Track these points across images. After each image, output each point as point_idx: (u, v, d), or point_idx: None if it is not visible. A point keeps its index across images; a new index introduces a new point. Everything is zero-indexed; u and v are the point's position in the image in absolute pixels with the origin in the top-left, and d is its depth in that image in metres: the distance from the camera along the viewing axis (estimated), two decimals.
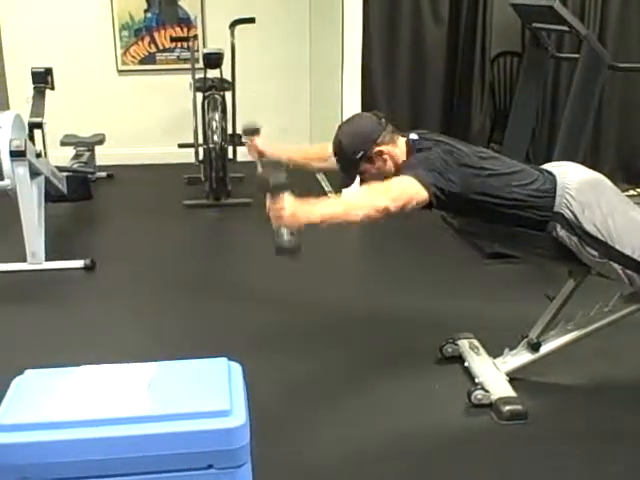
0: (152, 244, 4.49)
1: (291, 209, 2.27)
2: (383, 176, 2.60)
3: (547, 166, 2.75)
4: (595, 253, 2.55)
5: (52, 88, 4.96)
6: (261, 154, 2.83)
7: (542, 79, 4.80)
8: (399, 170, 2.55)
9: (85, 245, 4.38)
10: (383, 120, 2.62)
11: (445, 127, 5.35)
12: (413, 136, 2.64)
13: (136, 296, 3.72)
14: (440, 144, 2.56)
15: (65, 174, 4.67)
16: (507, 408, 2.58)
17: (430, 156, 2.48)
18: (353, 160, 2.57)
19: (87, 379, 1.92)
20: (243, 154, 5.60)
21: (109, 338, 3.22)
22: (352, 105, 4.93)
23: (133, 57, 6.20)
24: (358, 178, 2.68)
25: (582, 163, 4.12)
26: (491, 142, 5.65)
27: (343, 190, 2.73)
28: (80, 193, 4.88)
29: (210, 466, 1.75)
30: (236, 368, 2.05)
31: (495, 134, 5.67)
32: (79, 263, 3.99)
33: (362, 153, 2.55)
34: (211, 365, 2.02)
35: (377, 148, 2.56)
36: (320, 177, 5.73)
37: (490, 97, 5.61)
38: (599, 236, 2.53)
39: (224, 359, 2.05)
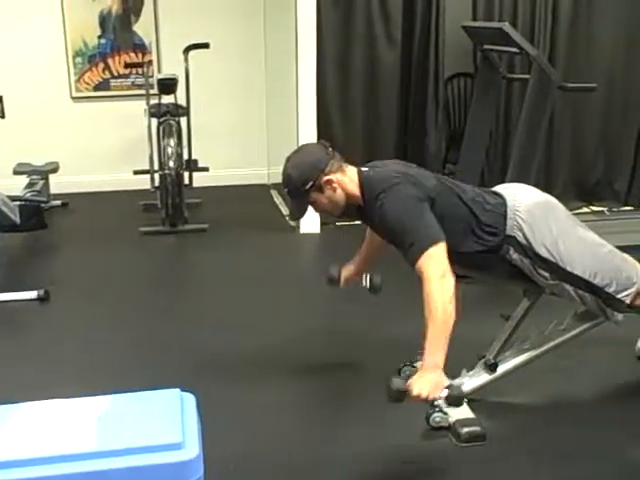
0: (108, 273, 4.43)
1: (429, 385, 2.25)
2: (334, 205, 2.60)
3: (497, 188, 2.77)
4: (547, 275, 2.58)
5: (2, 116, 4.90)
6: (353, 278, 3.04)
7: (494, 100, 4.87)
8: (367, 213, 2.58)
9: (39, 276, 4.30)
10: (330, 149, 2.62)
11: (401, 149, 5.39)
12: (364, 169, 2.65)
13: (90, 327, 3.66)
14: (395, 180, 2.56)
15: (17, 203, 4.59)
16: (465, 430, 2.58)
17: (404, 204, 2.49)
18: (303, 191, 2.56)
19: (34, 415, 1.87)
20: (199, 180, 5.62)
21: (62, 371, 3.16)
22: (308, 130, 4.93)
23: (87, 84, 6.15)
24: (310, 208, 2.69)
25: (535, 181, 4.21)
26: (447, 162, 5.70)
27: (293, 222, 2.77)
28: (33, 222, 4.79)
29: None
30: (189, 399, 2.01)
31: (450, 154, 5.72)
32: (32, 294, 3.91)
33: (311, 183, 2.55)
34: (163, 397, 1.99)
35: (326, 177, 2.55)
36: (278, 201, 5.73)
37: (445, 118, 5.66)
38: (550, 258, 2.56)
39: (176, 390, 2.01)
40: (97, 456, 1.71)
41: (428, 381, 2.25)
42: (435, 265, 2.36)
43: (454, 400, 2.31)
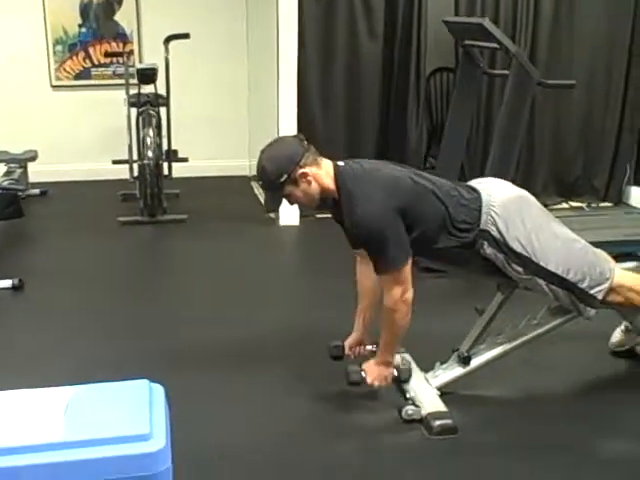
0: (84, 263, 4.40)
1: (380, 377, 2.72)
2: (309, 198, 2.60)
3: (472, 183, 2.78)
4: (520, 269, 2.59)
5: None
6: (356, 345, 2.95)
7: (475, 95, 4.87)
8: (341, 208, 2.58)
9: (14, 264, 4.26)
10: (305, 142, 2.61)
11: (382, 142, 5.39)
12: (340, 163, 2.65)
13: (64, 317, 3.63)
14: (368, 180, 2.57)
15: None
16: (437, 423, 2.58)
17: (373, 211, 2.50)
18: (277, 184, 2.55)
19: (0, 405, 1.86)
20: (179, 170, 5.59)
21: (34, 361, 3.13)
22: (288, 122, 4.93)
23: (68, 72, 6.11)
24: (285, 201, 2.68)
25: (515, 177, 4.23)
26: (428, 157, 5.71)
27: (269, 214, 2.77)
28: (10, 211, 4.74)
29: None
30: (158, 390, 2.01)
31: (432, 149, 5.73)
32: (7, 283, 3.88)
33: (286, 176, 2.53)
34: (132, 387, 1.98)
35: (301, 170, 2.54)
36: (258, 193, 5.72)
37: (427, 113, 5.67)
38: (524, 253, 2.56)
39: (145, 381, 2.01)
40: (62, 447, 1.69)
41: (380, 374, 2.71)
42: (398, 284, 2.54)
43: (404, 379, 2.76)
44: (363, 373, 2.71)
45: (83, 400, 1.90)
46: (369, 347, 2.93)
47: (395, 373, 2.74)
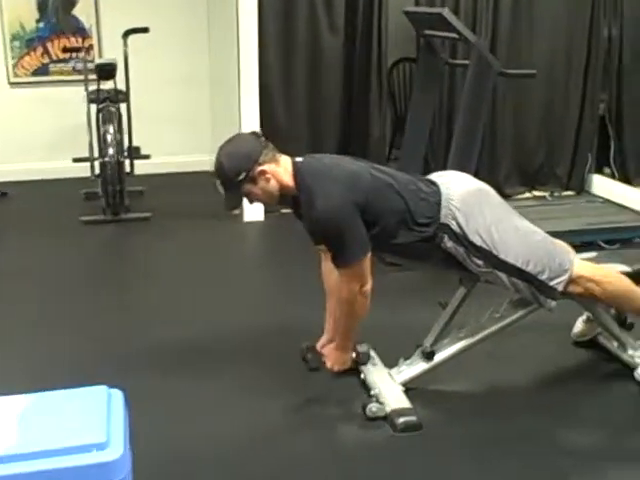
0: (46, 264, 4.32)
1: (338, 361, 2.76)
2: (268, 196, 2.58)
3: (432, 176, 2.77)
4: (481, 263, 2.59)
5: None
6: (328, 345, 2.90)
7: (436, 85, 4.86)
8: (300, 204, 2.56)
9: None
10: (263, 139, 2.60)
11: (344, 134, 5.37)
12: (298, 159, 2.63)
13: (24, 319, 3.56)
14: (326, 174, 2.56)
15: None
16: (401, 420, 2.58)
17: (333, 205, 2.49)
18: (236, 182, 2.54)
19: None
20: (142, 167, 5.52)
21: None
22: (250, 116, 4.89)
23: (26, 69, 5.99)
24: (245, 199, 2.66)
25: (478, 167, 4.22)
26: (393, 148, 5.70)
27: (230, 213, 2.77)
28: None
29: None
30: (117, 396, 1.97)
31: (397, 140, 5.72)
32: None
33: (244, 174, 2.52)
34: (89, 394, 1.94)
35: (259, 168, 2.53)
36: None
37: (390, 104, 5.65)
38: (483, 246, 2.57)
39: (103, 387, 1.97)
40: (13, 459, 1.66)
41: (338, 358, 2.75)
42: (357, 278, 2.56)
43: (363, 362, 2.81)
44: (322, 358, 2.77)
45: (37, 409, 1.87)
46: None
47: (354, 356, 2.77)
